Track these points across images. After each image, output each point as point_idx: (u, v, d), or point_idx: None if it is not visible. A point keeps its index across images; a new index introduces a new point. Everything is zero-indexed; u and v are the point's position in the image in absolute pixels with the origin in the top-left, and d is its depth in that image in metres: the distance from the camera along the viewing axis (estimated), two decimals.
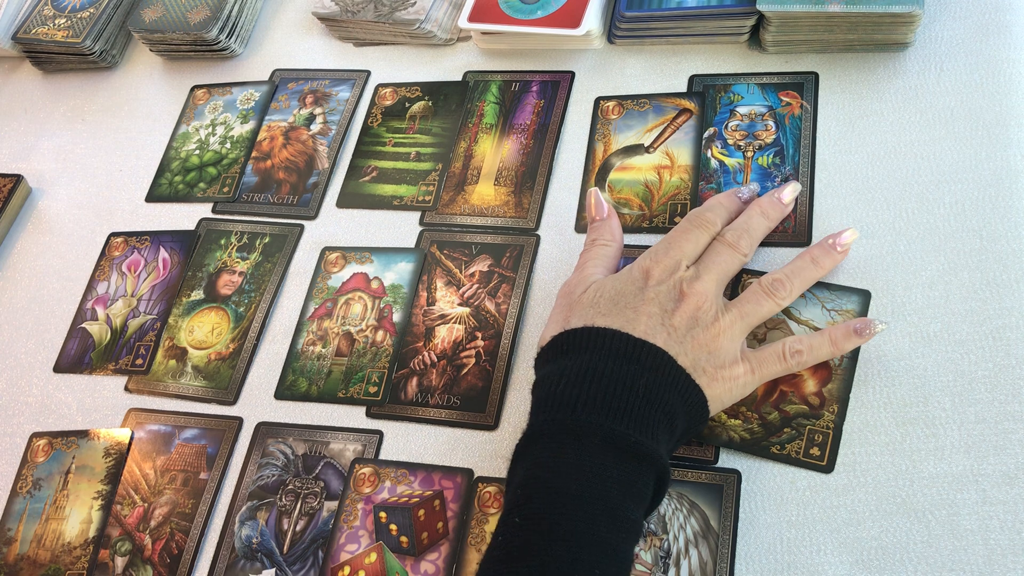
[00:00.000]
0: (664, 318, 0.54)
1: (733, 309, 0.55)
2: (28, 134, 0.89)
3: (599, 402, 0.50)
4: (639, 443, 0.49)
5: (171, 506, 0.65)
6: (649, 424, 0.50)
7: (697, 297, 0.55)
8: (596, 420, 0.49)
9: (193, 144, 0.82)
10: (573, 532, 0.47)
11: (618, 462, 0.49)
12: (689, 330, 0.54)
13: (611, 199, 0.68)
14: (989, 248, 0.59)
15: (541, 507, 0.48)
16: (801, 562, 0.53)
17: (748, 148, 0.67)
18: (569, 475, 0.48)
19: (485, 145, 0.74)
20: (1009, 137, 0.62)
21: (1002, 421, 0.54)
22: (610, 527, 0.47)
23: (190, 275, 0.75)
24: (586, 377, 0.51)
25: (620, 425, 0.49)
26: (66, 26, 0.88)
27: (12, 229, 0.83)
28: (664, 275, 0.56)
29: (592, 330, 0.53)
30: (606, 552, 0.47)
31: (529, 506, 0.48)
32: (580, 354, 0.52)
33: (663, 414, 0.51)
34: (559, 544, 0.46)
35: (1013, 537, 0.51)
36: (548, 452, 0.49)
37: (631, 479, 0.49)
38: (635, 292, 0.55)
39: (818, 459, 0.56)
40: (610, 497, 0.48)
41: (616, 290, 0.55)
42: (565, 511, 0.47)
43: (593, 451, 0.49)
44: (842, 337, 0.55)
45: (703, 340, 0.53)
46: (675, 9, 0.71)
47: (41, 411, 0.72)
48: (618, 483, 0.48)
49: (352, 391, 0.66)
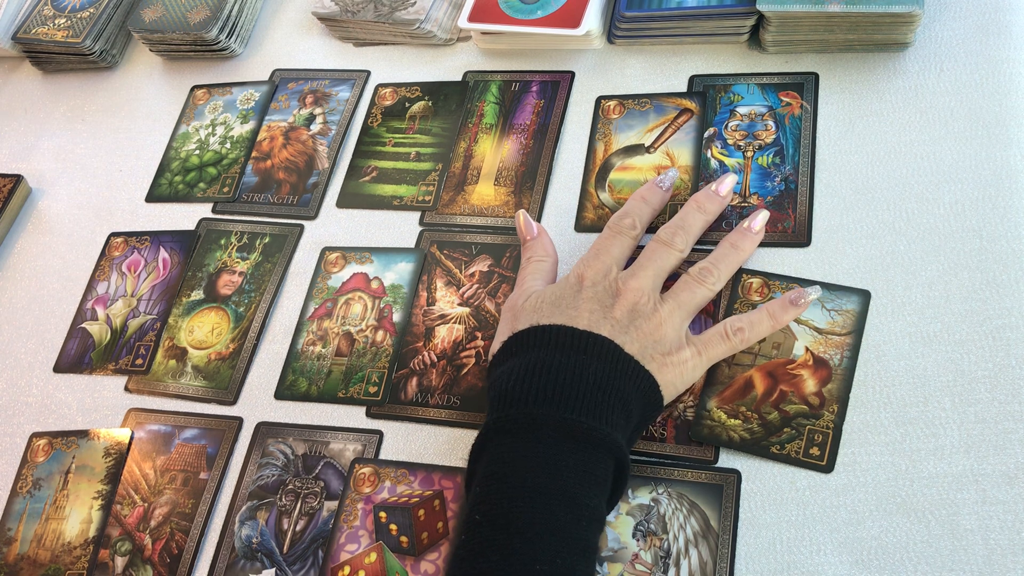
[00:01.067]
0: (605, 312, 0.55)
1: (670, 300, 0.57)
2: (28, 134, 0.89)
3: (550, 394, 0.51)
4: (593, 429, 0.50)
5: (171, 506, 0.65)
6: (603, 411, 0.51)
7: (633, 293, 0.56)
8: (549, 412, 0.50)
9: (193, 144, 0.82)
10: (532, 524, 0.47)
11: (574, 451, 0.49)
12: (631, 321, 0.55)
13: (611, 199, 0.68)
14: (989, 248, 0.59)
15: (499, 502, 0.48)
16: (801, 562, 0.53)
17: (748, 148, 0.67)
18: (525, 468, 0.49)
19: (485, 145, 0.74)
20: (1009, 137, 0.63)
21: (1002, 421, 0.54)
22: (570, 516, 0.48)
23: (190, 275, 0.75)
24: (536, 371, 0.52)
25: (573, 414, 0.50)
26: (66, 26, 0.88)
27: (12, 229, 0.83)
28: (598, 277, 0.57)
29: (538, 328, 0.54)
30: (567, 542, 0.47)
31: (488, 502, 0.49)
32: (529, 352, 0.53)
33: (617, 400, 0.52)
34: (518, 537, 0.47)
35: (1013, 537, 0.51)
36: (503, 448, 0.50)
37: (589, 467, 0.49)
38: (573, 295, 0.56)
39: (818, 459, 0.56)
40: (568, 487, 0.48)
41: (556, 295, 0.57)
42: (523, 504, 0.48)
43: (548, 442, 0.49)
44: (779, 310, 0.57)
45: (647, 329, 0.55)
46: (675, 9, 0.71)
47: (41, 411, 0.72)
48: (575, 472, 0.49)
49: (352, 391, 0.66)
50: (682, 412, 0.59)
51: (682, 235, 0.60)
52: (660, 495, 0.57)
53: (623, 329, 0.54)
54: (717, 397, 0.59)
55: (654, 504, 0.57)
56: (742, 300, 0.61)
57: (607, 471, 0.50)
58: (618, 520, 0.57)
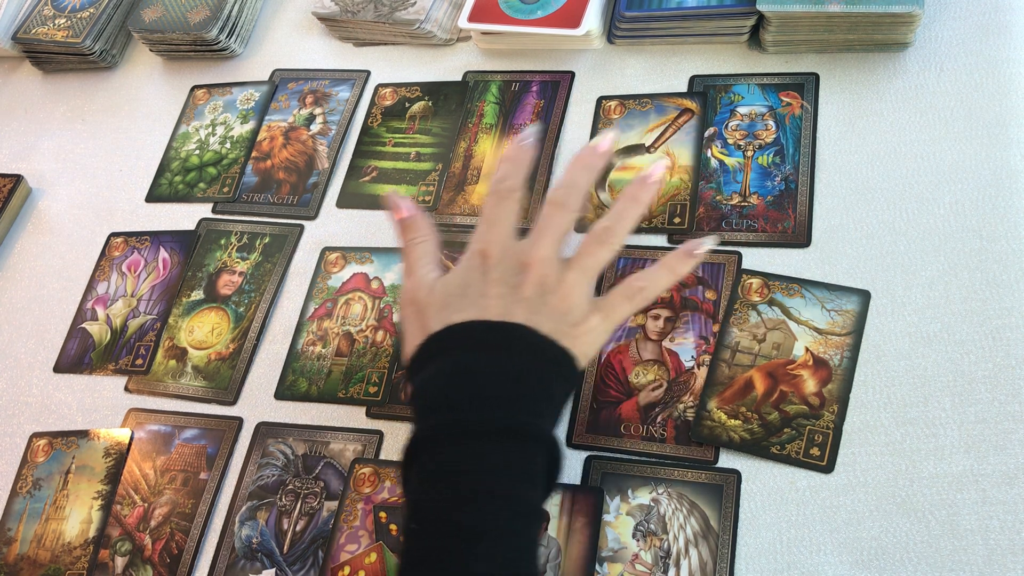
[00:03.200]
0: (515, 292, 0.54)
1: (575, 266, 0.55)
2: (28, 134, 0.89)
3: (474, 396, 0.50)
4: (519, 425, 0.49)
5: (171, 506, 0.65)
6: (526, 403, 0.50)
7: (539, 264, 0.55)
8: (473, 415, 0.50)
9: (193, 144, 0.82)
10: (468, 527, 0.47)
11: (503, 450, 0.49)
12: (541, 297, 0.54)
13: (612, 199, 0.68)
14: (989, 248, 0.59)
15: (433, 509, 0.48)
16: (801, 562, 0.53)
17: (748, 148, 0.67)
18: (456, 472, 0.48)
19: (485, 145, 0.74)
20: (1009, 137, 0.63)
21: (1002, 421, 0.54)
22: (505, 514, 0.48)
23: (190, 275, 0.75)
24: (456, 376, 0.51)
25: (497, 413, 0.50)
26: (66, 26, 0.88)
27: (12, 229, 0.83)
28: (500, 252, 0.55)
29: (452, 328, 0.53)
30: (505, 540, 0.47)
31: (423, 510, 0.49)
32: (446, 355, 0.52)
33: (539, 388, 0.51)
34: (454, 541, 0.47)
35: (1013, 537, 0.51)
36: (433, 455, 0.50)
37: (519, 463, 0.49)
38: (479, 277, 0.55)
39: (818, 459, 0.56)
40: (500, 486, 0.48)
41: (461, 282, 0.55)
42: (456, 508, 0.48)
43: (475, 446, 0.49)
44: (677, 262, 0.56)
45: (556, 304, 0.54)
46: (675, 9, 0.71)
47: (41, 411, 0.72)
48: (506, 471, 0.49)
49: (352, 391, 0.66)
50: (682, 412, 0.59)
51: (574, 194, 0.57)
52: (660, 495, 0.57)
53: (535, 309, 0.53)
54: (717, 397, 0.59)
55: (654, 504, 0.57)
56: (742, 300, 0.61)
57: (539, 464, 0.50)
58: (618, 520, 0.57)
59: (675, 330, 0.62)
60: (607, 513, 0.57)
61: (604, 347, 0.63)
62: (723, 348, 0.60)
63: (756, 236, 0.64)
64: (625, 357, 0.62)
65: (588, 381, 0.62)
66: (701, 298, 0.63)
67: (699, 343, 0.61)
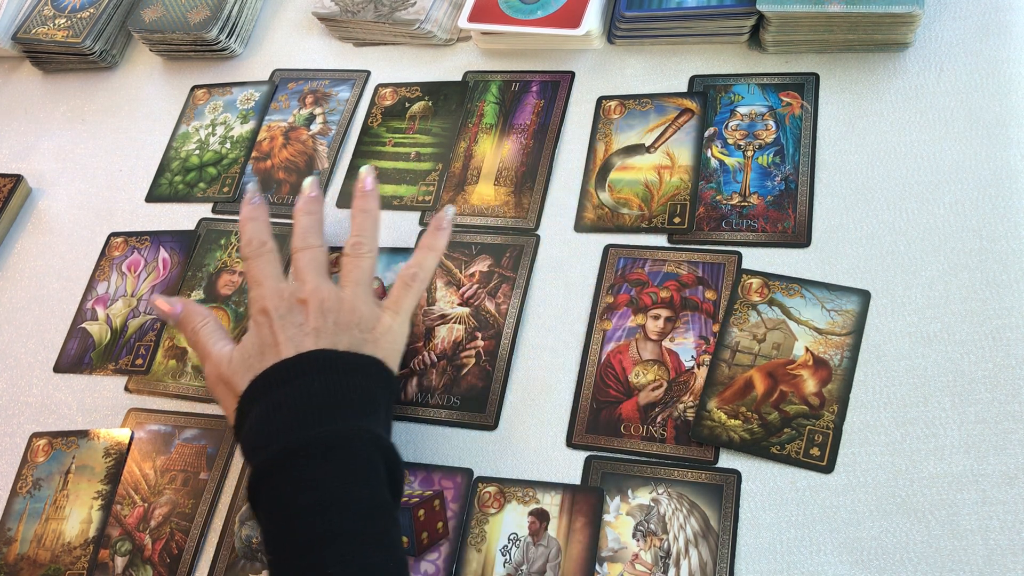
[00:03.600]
0: (302, 329, 0.57)
1: (346, 284, 0.60)
2: (28, 134, 0.89)
3: (288, 424, 0.53)
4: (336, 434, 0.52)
5: (171, 506, 0.65)
6: (342, 413, 0.53)
7: (313, 293, 0.59)
8: (294, 439, 0.52)
9: (193, 144, 0.82)
10: (312, 539, 0.49)
11: (327, 460, 0.51)
12: (327, 320, 0.57)
13: (611, 199, 0.68)
14: (989, 248, 0.59)
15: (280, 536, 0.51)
16: (801, 562, 0.53)
17: (748, 148, 0.67)
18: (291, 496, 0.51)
19: (485, 145, 0.74)
20: (1009, 137, 0.63)
21: (1002, 421, 0.54)
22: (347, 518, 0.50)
23: (190, 275, 0.75)
24: (268, 414, 0.54)
25: (312, 429, 0.52)
26: (66, 26, 0.88)
27: (12, 229, 0.83)
28: (277, 300, 0.59)
29: (253, 383, 0.55)
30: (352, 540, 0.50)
31: (272, 542, 0.51)
32: (257, 403, 0.55)
33: (355, 394, 0.54)
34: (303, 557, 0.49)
35: (1013, 537, 0.51)
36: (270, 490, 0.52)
37: (352, 468, 0.51)
38: (268, 332, 0.58)
39: (818, 459, 0.56)
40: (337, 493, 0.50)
41: (254, 345, 0.58)
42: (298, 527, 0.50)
43: (301, 464, 0.51)
44: (432, 238, 0.63)
45: (344, 320, 0.58)
46: (675, 9, 0.71)
47: (41, 411, 0.72)
48: (340, 477, 0.51)
49: None
50: (682, 412, 0.59)
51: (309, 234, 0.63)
52: (660, 495, 0.57)
53: (329, 333, 0.57)
54: (717, 398, 0.59)
55: (654, 504, 0.57)
56: (742, 300, 0.61)
57: (376, 465, 0.52)
58: (618, 520, 0.57)
59: (675, 330, 0.62)
60: (607, 513, 0.57)
61: (603, 347, 0.63)
62: (723, 348, 0.60)
63: (756, 236, 0.64)
64: (625, 357, 0.62)
65: (588, 381, 0.62)
66: (701, 298, 0.63)
67: (699, 343, 0.61)
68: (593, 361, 0.62)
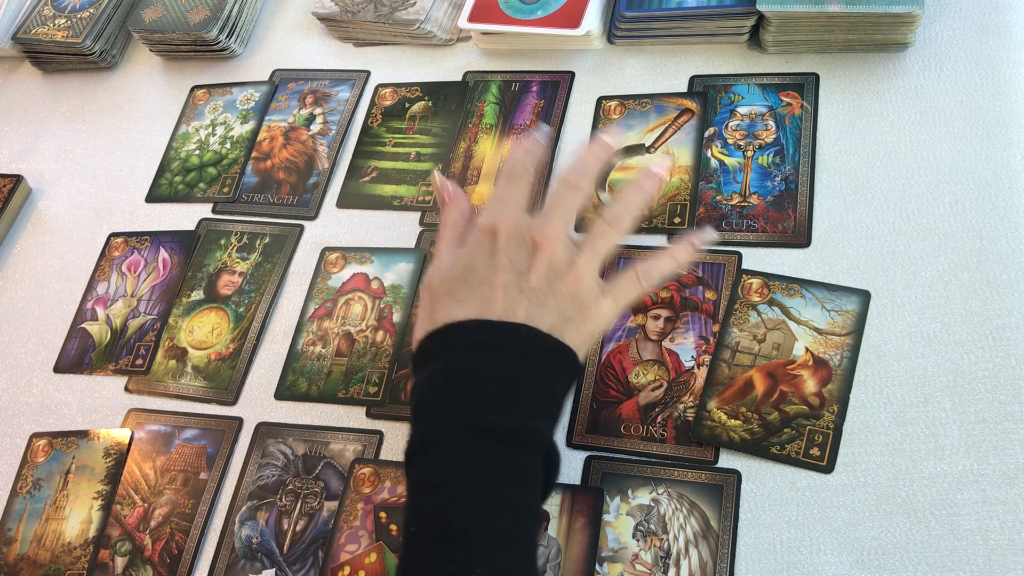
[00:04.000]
0: (521, 282, 0.53)
1: (586, 248, 0.55)
2: (28, 134, 0.89)
3: (470, 399, 0.50)
4: (517, 428, 0.49)
5: (171, 506, 0.65)
6: (524, 404, 0.50)
7: (550, 242, 0.54)
8: (471, 416, 0.50)
9: (193, 144, 0.82)
10: (466, 530, 0.47)
11: (501, 452, 0.49)
12: (549, 284, 0.53)
13: (612, 199, 0.68)
14: (989, 248, 0.59)
15: (432, 512, 0.49)
16: (801, 562, 0.53)
17: (748, 148, 0.67)
18: (454, 475, 0.49)
19: (485, 145, 0.74)
20: (1009, 137, 0.63)
21: (1002, 421, 0.54)
22: (503, 517, 0.48)
23: (190, 275, 0.75)
24: (451, 378, 0.51)
25: (495, 415, 0.50)
26: (66, 26, 0.88)
27: (12, 229, 0.83)
28: (510, 228, 0.54)
29: (452, 327, 0.52)
30: (504, 542, 0.48)
31: (422, 513, 0.49)
32: (445, 355, 0.52)
33: (537, 388, 0.51)
34: (454, 545, 0.47)
35: (1013, 537, 0.51)
36: (431, 458, 0.50)
37: (517, 466, 0.49)
38: (486, 261, 0.54)
39: (818, 459, 0.56)
40: (498, 488, 0.48)
41: (467, 266, 0.54)
42: (455, 511, 0.48)
43: (474, 447, 0.49)
44: (680, 250, 0.56)
45: (565, 289, 0.53)
46: (675, 9, 0.71)
47: (41, 411, 0.72)
48: (504, 473, 0.49)
49: (352, 391, 0.66)
50: (682, 412, 0.59)
51: (584, 177, 0.57)
52: (660, 495, 0.57)
53: (541, 300, 0.53)
54: (717, 398, 0.59)
55: (654, 504, 0.57)
56: (742, 300, 0.61)
57: (536, 466, 0.50)
58: (618, 520, 0.57)
59: (675, 330, 0.62)
60: (607, 513, 0.57)
61: (603, 348, 0.63)
62: (723, 348, 0.60)
63: (756, 236, 0.64)
64: (625, 357, 0.62)
65: (588, 381, 0.62)
66: (701, 298, 0.63)
67: (699, 343, 0.61)
68: (593, 361, 0.62)
